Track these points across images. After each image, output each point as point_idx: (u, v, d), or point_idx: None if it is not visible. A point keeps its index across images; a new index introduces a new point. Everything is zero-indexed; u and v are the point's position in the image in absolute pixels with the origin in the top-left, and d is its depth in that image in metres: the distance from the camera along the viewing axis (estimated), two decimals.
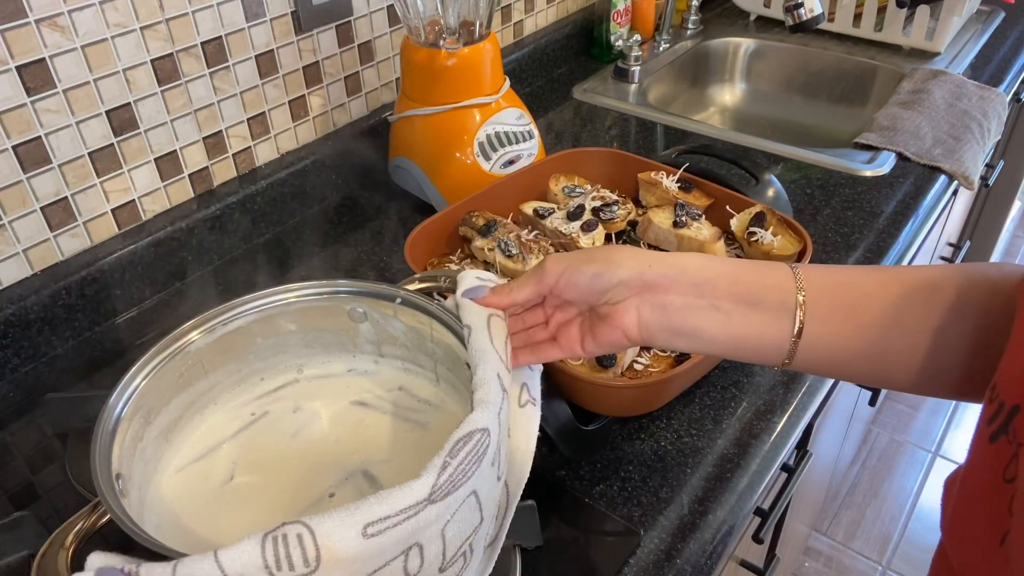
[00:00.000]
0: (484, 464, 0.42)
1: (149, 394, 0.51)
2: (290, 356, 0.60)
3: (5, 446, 0.71)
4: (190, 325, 0.54)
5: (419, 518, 0.39)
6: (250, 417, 0.57)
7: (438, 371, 0.58)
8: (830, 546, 1.73)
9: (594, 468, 0.67)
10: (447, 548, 0.42)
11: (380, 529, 0.38)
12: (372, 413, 0.57)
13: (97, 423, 0.48)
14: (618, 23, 1.41)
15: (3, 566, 0.60)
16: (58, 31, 0.73)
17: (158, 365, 0.52)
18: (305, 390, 0.59)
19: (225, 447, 0.55)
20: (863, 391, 1.29)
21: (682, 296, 0.49)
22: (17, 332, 0.77)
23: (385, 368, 0.60)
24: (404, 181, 1.04)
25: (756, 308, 0.49)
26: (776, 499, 0.83)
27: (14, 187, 0.76)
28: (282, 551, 0.37)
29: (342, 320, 0.59)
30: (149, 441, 0.52)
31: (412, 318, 0.56)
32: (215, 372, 0.57)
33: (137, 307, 0.87)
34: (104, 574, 0.39)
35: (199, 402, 0.56)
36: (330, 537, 0.37)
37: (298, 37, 0.95)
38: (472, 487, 0.41)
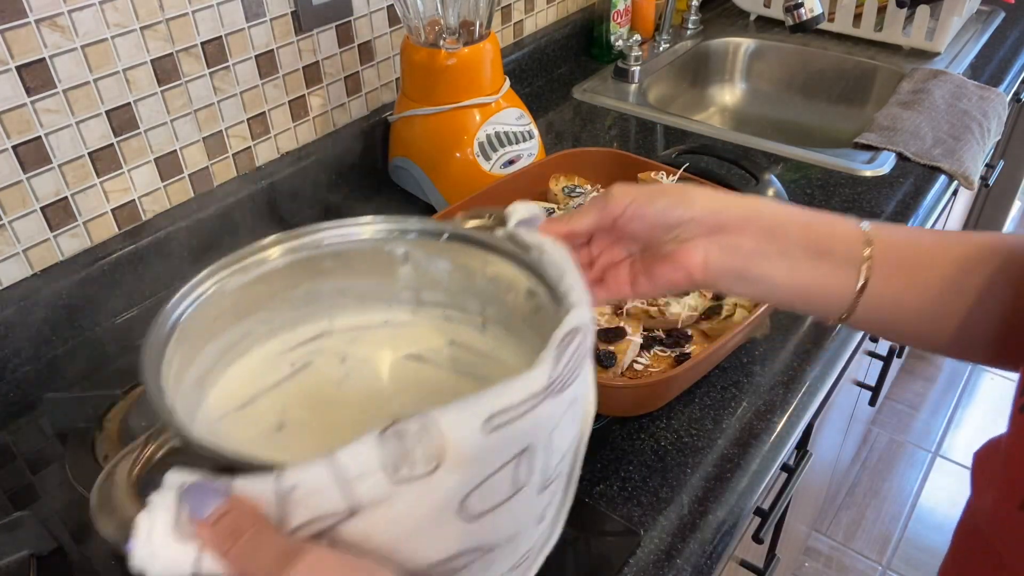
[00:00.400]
0: (586, 366, 0.39)
1: (188, 333, 0.47)
2: (323, 306, 0.54)
3: (5, 446, 0.71)
4: (226, 261, 0.49)
5: (536, 412, 0.35)
6: (290, 368, 0.53)
7: (486, 313, 0.54)
8: (830, 546, 1.73)
9: (594, 468, 0.67)
10: (551, 458, 0.39)
11: (501, 422, 0.34)
12: (427, 367, 0.53)
13: (146, 355, 0.43)
14: (618, 23, 1.41)
15: (3, 566, 0.60)
16: (58, 31, 0.73)
17: (194, 301, 0.48)
18: (343, 342, 0.54)
19: (269, 395, 0.51)
20: (863, 391, 1.29)
21: (754, 240, 0.48)
22: (17, 332, 0.77)
23: (423, 319, 0.55)
24: (404, 181, 1.04)
25: (824, 259, 0.48)
26: (776, 499, 0.83)
27: (14, 187, 0.76)
28: (403, 448, 0.32)
29: (381, 264, 0.54)
30: (189, 384, 0.47)
31: (461, 254, 0.52)
32: (247, 320, 0.52)
33: (137, 307, 0.87)
34: (192, 491, 0.32)
35: (231, 352, 0.52)
36: (453, 431, 0.33)
37: (298, 37, 0.95)
38: (575, 393, 0.38)
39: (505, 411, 0.34)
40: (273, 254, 0.50)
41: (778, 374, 0.76)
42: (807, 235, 0.48)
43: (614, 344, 0.70)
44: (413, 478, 0.32)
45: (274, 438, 0.48)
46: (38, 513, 0.62)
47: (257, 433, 0.48)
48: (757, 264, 0.48)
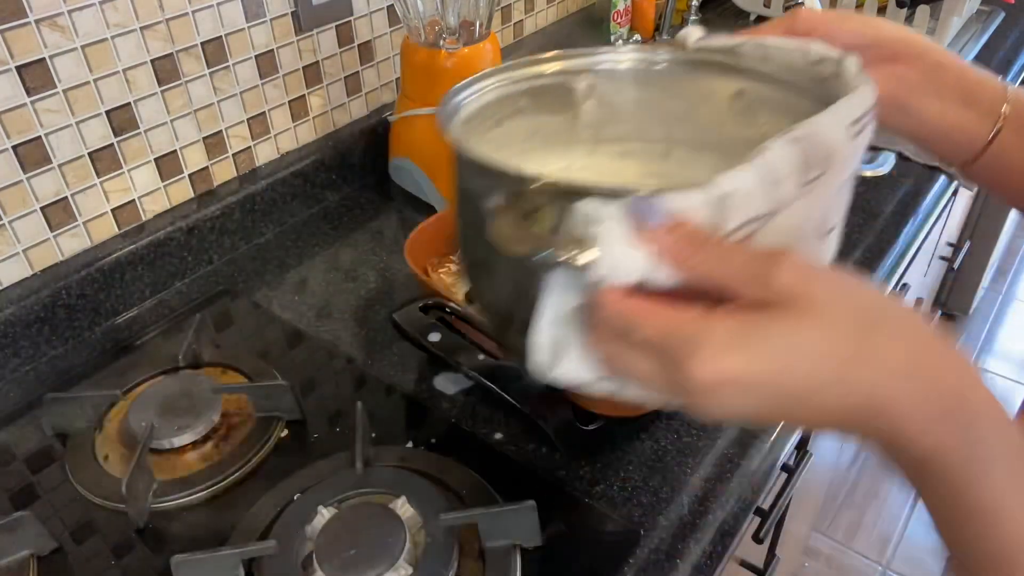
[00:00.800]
0: (864, 149, 0.41)
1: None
2: (514, 151, 0.53)
3: (5, 446, 0.71)
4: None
5: (865, 132, 0.39)
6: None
7: (672, 136, 0.53)
8: (830, 546, 1.73)
9: (594, 468, 0.67)
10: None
11: (858, 129, 0.38)
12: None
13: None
14: (618, 23, 1.41)
15: (3, 566, 0.60)
16: (58, 31, 0.73)
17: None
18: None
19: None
20: None
21: (920, 74, 0.51)
22: (17, 332, 0.77)
23: (600, 159, 0.54)
24: (404, 181, 1.04)
25: (970, 107, 0.51)
26: (776, 499, 0.83)
27: (14, 187, 0.76)
28: (805, 154, 0.35)
29: (563, 101, 0.53)
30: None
31: (649, 81, 0.52)
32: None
33: (137, 307, 0.87)
34: (638, 204, 0.33)
35: None
36: (830, 134, 0.36)
37: (298, 37, 0.95)
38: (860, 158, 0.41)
39: (860, 118, 0.38)
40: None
41: None
42: (961, 81, 0.52)
43: None
44: (810, 181, 0.35)
45: None
46: (38, 513, 0.62)
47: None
48: (917, 98, 0.51)
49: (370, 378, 0.77)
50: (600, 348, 0.36)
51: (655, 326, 0.33)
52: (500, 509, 0.58)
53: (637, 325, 0.33)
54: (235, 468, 0.67)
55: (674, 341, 0.32)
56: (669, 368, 0.33)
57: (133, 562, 0.61)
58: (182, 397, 0.71)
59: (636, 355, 0.34)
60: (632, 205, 0.33)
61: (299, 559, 0.57)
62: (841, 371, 0.31)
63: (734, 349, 0.31)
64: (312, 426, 0.71)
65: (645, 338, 0.33)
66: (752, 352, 0.31)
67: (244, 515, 0.62)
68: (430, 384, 0.75)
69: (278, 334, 0.83)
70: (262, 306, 0.87)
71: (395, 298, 0.87)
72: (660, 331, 0.33)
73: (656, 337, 0.33)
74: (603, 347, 0.36)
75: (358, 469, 0.63)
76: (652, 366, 0.34)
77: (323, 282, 0.90)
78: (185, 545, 0.61)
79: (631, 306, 0.33)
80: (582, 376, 0.39)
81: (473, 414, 0.72)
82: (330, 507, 0.61)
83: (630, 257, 0.33)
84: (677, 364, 0.32)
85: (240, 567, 0.57)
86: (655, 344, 0.33)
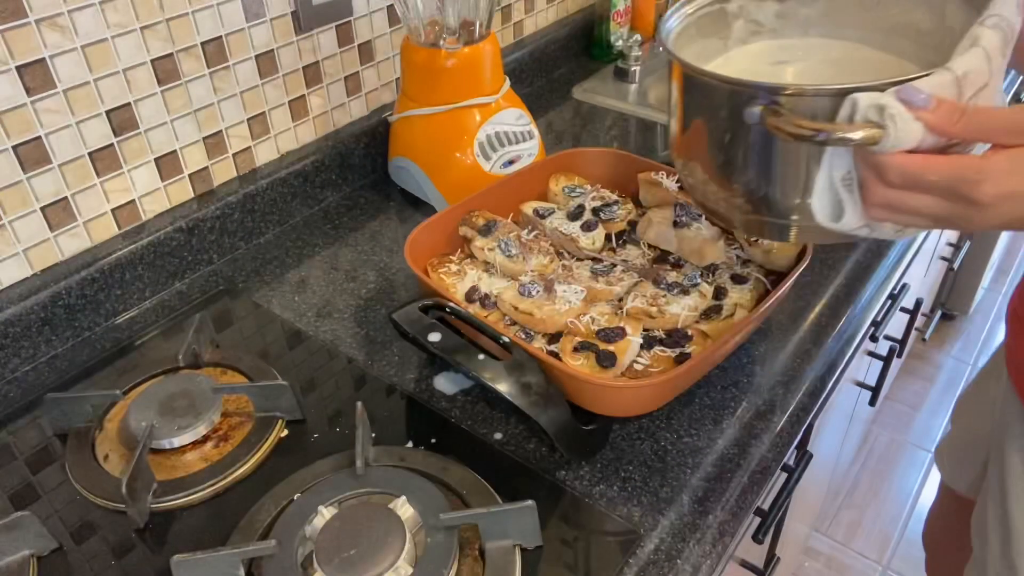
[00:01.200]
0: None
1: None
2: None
3: (5, 446, 0.71)
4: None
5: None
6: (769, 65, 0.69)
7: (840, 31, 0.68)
8: (830, 546, 1.73)
9: (594, 468, 0.67)
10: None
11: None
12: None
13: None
14: (618, 23, 1.41)
15: (3, 566, 0.60)
16: (58, 31, 0.73)
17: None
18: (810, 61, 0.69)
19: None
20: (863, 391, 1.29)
21: None
22: (17, 332, 0.78)
23: (809, 63, 0.68)
24: (404, 181, 1.04)
25: None
26: (776, 499, 0.83)
27: (14, 187, 0.76)
28: (1002, 34, 0.49)
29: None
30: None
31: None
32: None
33: (137, 307, 0.87)
34: (904, 91, 0.46)
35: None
36: (1013, 16, 0.49)
37: (298, 37, 0.95)
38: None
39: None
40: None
41: (778, 374, 0.76)
42: None
43: (614, 344, 0.70)
44: (1007, 55, 0.49)
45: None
46: (38, 513, 0.62)
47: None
48: None
49: (370, 378, 0.77)
50: (887, 197, 0.49)
51: (943, 168, 0.46)
52: (500, 509, 0.58)
53: (927, 170, 0.47)
54: (235, 468, 0.67)
55: (963, 173, 0.46)
56: (955, 197, 0.47)
57: (133, 562, 0.61)
58: (182, 397, 0.71)
59: (921, 196, 0.48)
60: (902, 92, 0.46)
61: (299, 559, 0.57)
62: None
63: (1015, 173, 0.45)
64: (312, 426, 0.71)
65: (935, 179, 0.46)
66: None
67: (244, 515, 0.62)
68: (430, 384, 0.75)
69: (278, 334, 0.83)
70: (262, 306, 0.87)
71: (395, 298, 0.87)
72: (949, 169, 0.46)
73: (946, 173, 0.46)
74: (890, 195, 0.49)
75: (358, 469, 0.63)
76: (937, 200, 0.48)
77: (323, 282, 0.90)
78: (185, 545, 0.61)
79: (918, 159, 0.47)
80: (855, 224, 0.52)
81: (473, 414, 0.72)
82: (330, 507, 0.61)
83: (912, 128, 0.46)
84: (967, 191, 0.46)
85: (240, 567, 0.57)
86: (944, 180, 0.46)
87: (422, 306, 0.71)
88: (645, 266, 0.82)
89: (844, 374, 0.84)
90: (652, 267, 0.81)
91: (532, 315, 0.73)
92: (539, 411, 0.62)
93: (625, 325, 0.71)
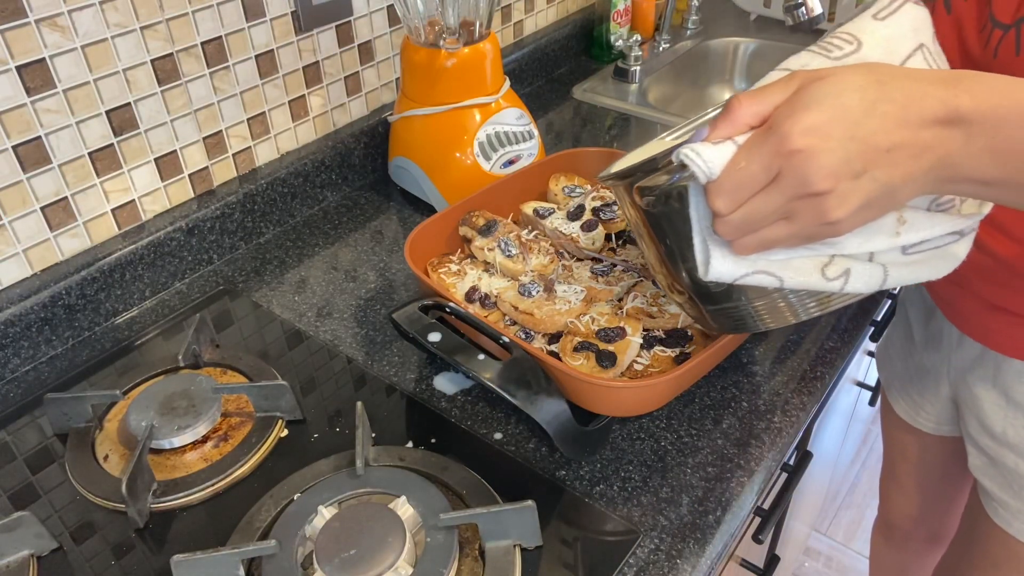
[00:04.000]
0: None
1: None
2: None
3: (5, 446, 0.71)
4: None
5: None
6: None
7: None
8: (830, 546, 1.73)
9: (594, 468, 0.67)
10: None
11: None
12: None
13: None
14: (618, 23, 1.40)
15: (3, 566, 0.60)
16: (58, 31, 0.73)
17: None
18: None
19: None
20: (863, 391, 1.29)
21: None
22: (17, 332, 0.78)
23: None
24: (404, 181, 1.04)
25: None
26: (776, 499, 0.83)
27: (14, 187, 0.76)
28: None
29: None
30: None
31: None
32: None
33: (137, 307, 0.87)
34: (699, 132, 0.48)
35: None
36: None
37: (298, 37, 0.95)
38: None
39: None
40: None
41: (778, 374, 0.76)
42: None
43: (614, 344, 0.70)
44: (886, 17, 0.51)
45: None
46: (38, 513, 0.62)
47: None
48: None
49: (370, 378, 0.77)
50: (734, 217, 0.47)
51: (750, 145, 0.45)
52: (500, 509, 0.58)
53: (739, 160, 0.45)
54: (235, 468, 0.67)
55: (766, 136, 0.44)
56: (781, 172, 0.44)
57: (133, 562, 0.61)
58: (182, 397, 0.71)
59: (759, 198, 0.45)
60: (696, 134, 0.48)
61: (299, 559, 0.57)
62: (878, 90, 0.43)
63: (807, 107, 0.43)
64: (312, 426, 0.71)
65: (750, 162, 0.45)
66: (818, 106, 0.43)
67: (244, 515, 0.62)
68: (430, 384, 0.75)
69: (278, 334, 0.83)
70: (262, 306, 0.87)
71: (395, 298, 0.87)
72: (754, 142, 0.45)
73: (755, 146, 0.45)
74: (736, 215, 0.47)
75: (358, 469, 0.63)
76: (773, 190, 0.45)
77: (323, 282, 0.90)
78: (185, 545, 0.61)
79: (729, 168, 0.46)
80: (727, 265, 0.50)
81: (473, 414, 0.72)
82: (330, 507, 0.61)
83: (712, 152, 0.46)
84: (779, 145, 0.43)
85: (240, 567, 0.57)
86: (759, 156, 0.44)
87: (422, 306, 0.71)
88: (645, 266, 0.82)
89: (844, 374, 0.84)
90: None
91: (532, 315, 0.73)
92: (539, 411, 0.62)
93: (625, 325, 0.71)
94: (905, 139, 0.43)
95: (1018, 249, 0.66)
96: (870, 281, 0.51)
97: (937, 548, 1.11)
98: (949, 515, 1.07)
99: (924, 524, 1.11)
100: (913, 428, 0.98)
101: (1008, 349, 0.72)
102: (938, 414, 0.92)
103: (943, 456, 0.99)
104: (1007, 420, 0.74)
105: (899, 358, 0.95)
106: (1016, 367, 0.72)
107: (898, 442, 1.04)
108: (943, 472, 1.02)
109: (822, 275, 0.51)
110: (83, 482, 0.66)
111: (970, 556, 0.87)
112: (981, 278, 0.71)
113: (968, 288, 0.73)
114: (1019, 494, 0.76)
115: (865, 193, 0.44)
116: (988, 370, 0.75)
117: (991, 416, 0.76)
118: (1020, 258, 0.66)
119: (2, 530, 0.59)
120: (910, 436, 1.00)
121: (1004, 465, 0.77)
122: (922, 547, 1.15)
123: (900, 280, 0.52)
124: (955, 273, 0.53)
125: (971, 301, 0.74)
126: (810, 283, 0.51)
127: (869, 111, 0.43)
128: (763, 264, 0.50)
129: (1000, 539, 0.80)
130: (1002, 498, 0.78)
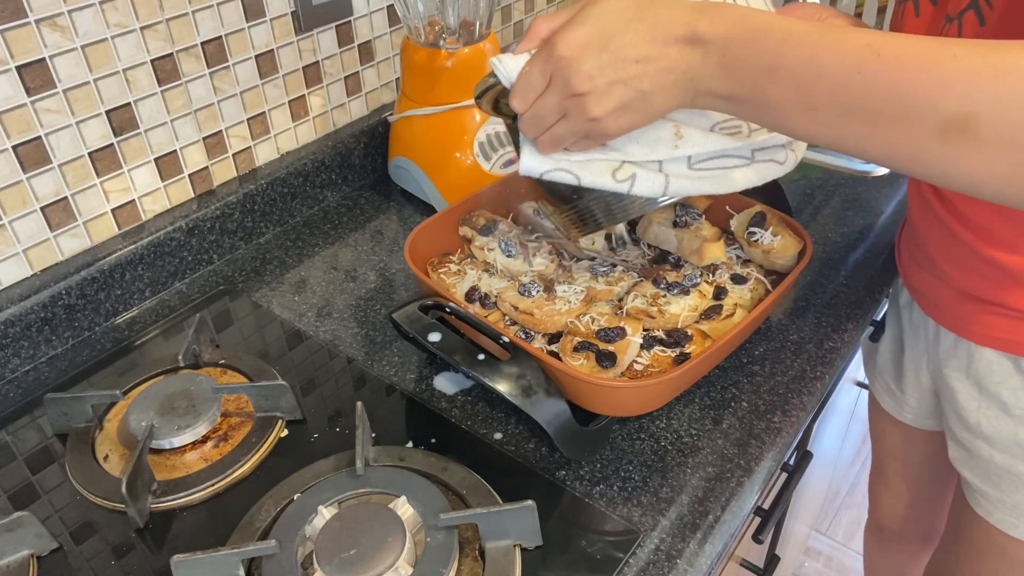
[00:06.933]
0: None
1: None
2: None
3: (5, 446, 0.71)
4: None
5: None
6: None
7: None
8: (830, 546, 1.73)
9: (594, 468, 0.67)
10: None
11: None
12: None
13: None
14: None
15: (3, 566, 0.60)
16: (58, 31, 0.73)
17: None
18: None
19: None
20: (863, 391, 1.29)
21: None
22: (17, 332, 0.78)
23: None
24: (404, 181, 1.04)
25: None
26: (776, 499, 0.83)
27: (14, 187, 0.76)
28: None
29: None
30: None
31: None
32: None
33: (137, 307, 0.87)
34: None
35: None
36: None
37: (298, 37, 0.95)
38: None
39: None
40: None
41: (778, 374, 0.76)
42: None
43: (614, 344, 0.70)
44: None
45: None
46: (38, 513, 0.62)
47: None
48: None
49: (370, 378, 0.77)
50: (529, 114, 0.57)
51: (533, 60, 0.55)
52: (500, 509, 0.58)
53: (526, 70, 0.56)
54: (235, 468, 0.67)
55: (545, 48, 0.54)
56: (554, 78, 0.54)
57: (133, 562, 0.61)
58: (182, 397, 0.71)
59: (544, 97, 0.55)
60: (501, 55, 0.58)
61: (299, 559, 0.57)
62: (636, 11, 0.51)
63: (576, 24, 0.52)
64: (312, 426, 0.71)
65: (535, 69, 0.55)
66: (583, 23, 0.52)
67: (244, 515, 0.62)
68: (430, 384, 0.75)
69: (278, 334, 0.83)
70: (262, 306, 0.87)
71: (395, 298, 0.87)
72: (536, 55, 0.55)
73: (538, 56, 0.55)
74: (530, 111, 0.56)
75: (358, 469, 0.63)
76: (551, 92, 0.55)
77: (323, 282, 0.90)
78: (185, 545, 0.61)
79: (521, 74, 0.56)
80: (535, 161, 0.60)
81: (473, 414, 0.72)
82: (330, 507, 0.61)
83: (511, 61, 0.57)
84: (550, 47, 0.53)
85: (240, 567, 0.57)
86: (542, 63, 0.54)
87: (422, 306, 0.71)
88: (645, 266, 0.82)
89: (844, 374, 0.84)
90: (652, 267, 0.81)
91: (532, 315, 0.73)
92: (539, 411, 0.62)
93: (625, 325, 0.71)
94: (651, 53, 0.51)
95: (983, 235, 0.67)
96: (653, 186, 0.60)
97: (928, 548, 1.11)
98: (938, 515, 1.07)
99: (914, 524, 1.11)
100: (898, 422, 0.98)
101: (978, 337, 0.72)
102: (921, 407, 0.93)
103: (929, 452, 0.99)
104: (980, 411, 0.75)
105: (884, 351, 0.96)
106: (987, 356, 0.72)
107: (885, 438, 1.04)
108: (931, 470, 1.02)
109: (612, 177, 0.59)
110: (83, 482, 0.66)
111: (956, 549, 0.88)
112: (953, 267, 0.72)
113: (941, 278, 0.74)
114: (997, 484, 0.77)
115: (620, 96, 0.52)
116: (962, 360, 0.76)
117: (966, 408, 0.76)
118: (985, 244, 0.67)
119: (2, 530, 0.59)
120: (896, 431, 1.00)
121: (980, 456, 0.77)
122: (914, 548, 1.15)
123: (682, 190, 0.60)
124: (929, 263, 0.60)
125: (944, 290, 0.74)
126: (603, 183, 0.60)
127: (624, 28, 0.51)
128: (565, 164, 0.60)
129: (983, 530, 0.81)
130: (982, 488, 0.79)
